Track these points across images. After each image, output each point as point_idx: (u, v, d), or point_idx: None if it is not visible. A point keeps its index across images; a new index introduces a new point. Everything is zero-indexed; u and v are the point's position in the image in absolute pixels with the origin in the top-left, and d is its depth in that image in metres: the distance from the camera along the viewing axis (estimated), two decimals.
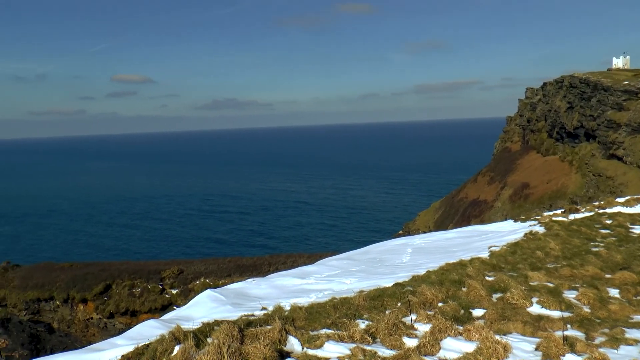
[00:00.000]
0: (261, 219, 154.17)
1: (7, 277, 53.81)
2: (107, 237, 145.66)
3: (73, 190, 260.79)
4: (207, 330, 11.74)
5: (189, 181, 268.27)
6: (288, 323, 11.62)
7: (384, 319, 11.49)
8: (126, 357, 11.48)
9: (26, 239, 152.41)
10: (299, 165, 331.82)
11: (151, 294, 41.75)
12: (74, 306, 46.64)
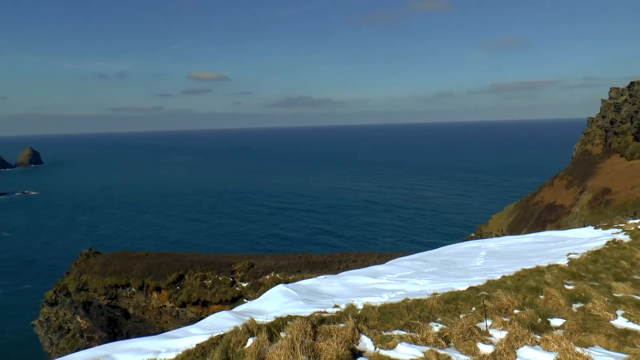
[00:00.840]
0: (329, 217, 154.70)
1: (89, 263, 56.32)
2: (175, 229, 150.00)
3: (147, 183, 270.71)
4: (280, 324, 11.85)
5: (260, 178, 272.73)
6: (361, 322, 11.58)
7: (458, 323, 11.28)
8: (201, 346, 11.74)
9: (101, 227, 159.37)
10: (370, 165, 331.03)
11: (222, 286, 42.69)
12: (148, 294, 48.31)
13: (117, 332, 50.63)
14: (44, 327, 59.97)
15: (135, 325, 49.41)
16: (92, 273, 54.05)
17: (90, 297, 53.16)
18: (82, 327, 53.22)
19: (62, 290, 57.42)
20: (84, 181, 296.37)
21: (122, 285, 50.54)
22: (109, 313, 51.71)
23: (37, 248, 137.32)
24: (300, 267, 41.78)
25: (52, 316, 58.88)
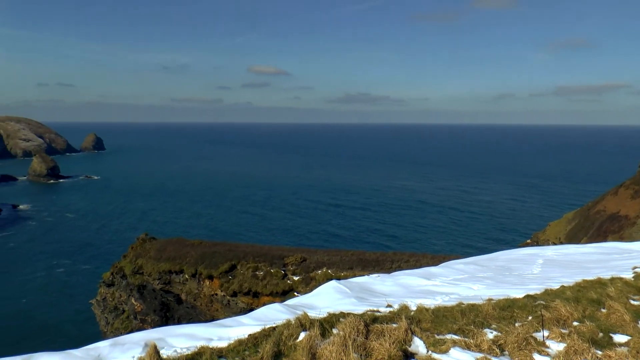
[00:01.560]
0: (381, 216, 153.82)
1: (145, 247, 57.86)
2: (225, 220, 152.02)
3: (202, 173, 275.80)
4: (333, 320, 11.85)
5: (315, 173, 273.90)
6: (414, 324, 11.48)
7: (513, 331, 11.03)
8: (253, 336, 11.86)
9: (154, 214, 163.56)
10: (426, 164, 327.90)
11: (273, 278, 43.07)
12: (201, 281, 49.23)
13: (169, 316, 51.83)
14: (100, 307, 62.03)
15: (186, 311, 50.45)
16: (148, 258, 55.47)
17: (144, 281, 54.60)
18: (136, 309, 54.74)
19: (119, 273, 59.20)
20: (141, 168, 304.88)
21: (175, 272, 51.67)
22: (162, 297, 52.98)
23: (96, 230, 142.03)
24: (353, 264, 41.72)
25: (109, 297, 60.82)
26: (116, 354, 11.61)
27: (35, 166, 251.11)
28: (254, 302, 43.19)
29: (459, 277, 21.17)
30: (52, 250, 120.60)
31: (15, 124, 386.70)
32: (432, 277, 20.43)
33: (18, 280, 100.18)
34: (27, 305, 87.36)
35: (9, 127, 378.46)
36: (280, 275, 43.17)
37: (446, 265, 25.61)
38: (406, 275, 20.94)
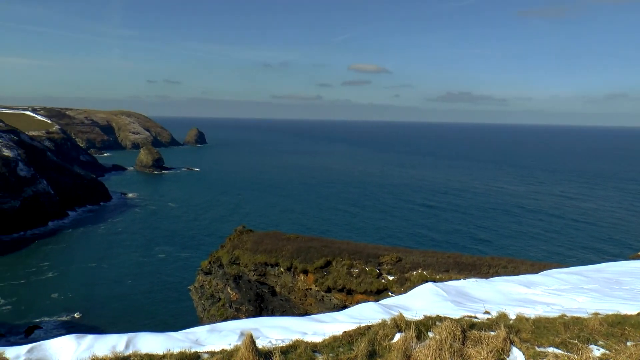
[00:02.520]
0: (476, 220, 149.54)
1: (242, 239, 59.49)
2: (315, 216, 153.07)
3: (297, 168, 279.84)
4: (429, 324, 11.71)
5: (410, 172, 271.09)
6: (513, 333, 11.13)
7: (624, 350, 10.40)
8: (348, 334, 11.92)
9: (248, 207, 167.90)
10: (527, 167, 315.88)
11: (368, 277, 43.02)
12: (295, 275, 50.00)
13: (263, 307, 53.04)
14: (198, 293, 64.45)
15: (280, 304, 51.42)
16: (245, 249, 56.97)
17: (241, 271, 56.15)
18: (232, 298, 56.43)
19: (216, 262, 61.23)
20: (240, 162, 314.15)
21: (271, 264, 52.76)
22: (257, 288, 54.29)
23: (194, 219, 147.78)
24: (449, 267, 40.91)
25: (206, 284, 63.07)
26: (213, 339, 11.98)
27: (142, 157, 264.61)
28: (348, 300, 43.35)
29: (562, 287, 20.28)
30: (154, 237, 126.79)
31: (126, 118, 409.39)
32: (532, 285, 19.69)
33: (123, 262, 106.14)
34: (131, 286, 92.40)
35: (120, 120, 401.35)
36: (375, 274, 43.04)
37: (547, 274, 24.62)
38: (505, 282, 20.32)
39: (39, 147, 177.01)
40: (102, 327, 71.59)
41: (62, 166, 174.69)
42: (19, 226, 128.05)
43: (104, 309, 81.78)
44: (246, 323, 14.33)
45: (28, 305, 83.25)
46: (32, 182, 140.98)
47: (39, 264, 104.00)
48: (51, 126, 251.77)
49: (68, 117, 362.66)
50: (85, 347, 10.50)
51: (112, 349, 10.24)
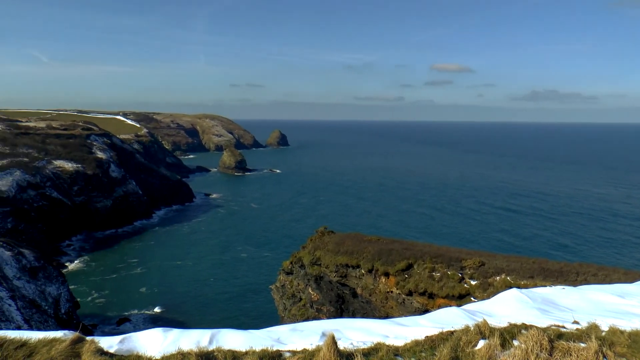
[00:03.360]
0: (562, 225, 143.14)
1: (324, 240, 59.93)
2: (392, 218, 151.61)
3: (378, 170, 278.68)
4: (514, 331, 11.46)
5: (492, 174, 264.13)
6: (605, 346, 10.65)
7: None
8: (430, 338, 11.84)
9: (325, 208, 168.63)
10: (618, 169, 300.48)
11: (450, 281, 42.29)
12: (377, 277, 49.86)
13: (343, 308, 53.23)
14: (279, 292, 65.46)
15: (361, 305, 51.43)
16: (326, 250, 57.36)
17: (322, 272, 56.59)
18: (313, 299, 56.95)
19: (298, 262, 61.97)
20: (321, 163, 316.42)
21: (352, 266, 52.85)
22: (338, 290, 54.55)
23: (276, 220, 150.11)
24: (533, 273, 39.56)
25: (287, 284, 63.96)
26: (295, 339, 12.16)
27: (225, 159, 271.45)
28: (429, 303, 42.82)
29: None
30: (237, 236, 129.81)
31: (210, 121, 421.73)
32: (626, 295, 18.76)
33: (207, 260, 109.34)
34: (214, 284, 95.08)
35: (204, 123, 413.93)
36: (457, 278, 42.27)
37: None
38: (595, 290, 19.48)
39: (129, 149, 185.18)
40: (185, 322, 74.10)
41: (150, 168, 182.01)
42: (110, 224, 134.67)
43: (187, 304, 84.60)
44: (327, 324, 14.46)
45: (118, 298, 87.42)
46: (123, 182, 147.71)
47: (128, 260, 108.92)
48: (140, 130, 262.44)
49: (155, 121, 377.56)
50: (171, 341, 10.91)
51: (197, 343, 10.58)
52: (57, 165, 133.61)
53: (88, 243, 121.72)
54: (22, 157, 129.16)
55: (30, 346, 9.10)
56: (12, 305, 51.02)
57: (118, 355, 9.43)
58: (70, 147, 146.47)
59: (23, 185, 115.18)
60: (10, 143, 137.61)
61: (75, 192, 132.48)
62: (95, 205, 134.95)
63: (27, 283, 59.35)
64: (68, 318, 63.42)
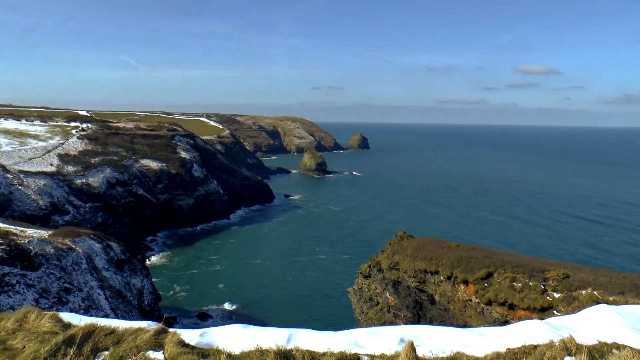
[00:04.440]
0: None
1: (402, 245, 59.38)
2: (466, 227, 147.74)
3: (458, 174, 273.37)
4: (604, 350, 10.91)
5: (577, 182, 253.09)
6: None
7: None
8: (512, 351, 11.45)
9: (405, 212, 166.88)
10: None
11: (532, 292, 40.79)
12: (455, 285, 48.88)
13: (421, 315, 52.53)
14: (356, 295, 65.40)
15: (439, 313, 50.58)
16: (404, 255, 56.79)
17: (400, 277, 56.08)
18: (390, 303, 56.54)
19: (376, 266, 61.71)
20: (401, 167, 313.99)
21: (431, 272, 52.07)
22: (416, 295, 53.90)
23: (355, 223, 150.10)
24: (624, 289, 37.45)
25: (365, 287, 63.80)
26: (373, 343, 12.05)
27: (305, 161, 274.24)
28: (509, 314, 41.52)
29: None
30: (315, 238, 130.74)
31: (292, 123, 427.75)
32: None
33: (285, 260, 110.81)
34: (291, 283, 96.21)
35: (286, 125, 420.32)
36: (539, 289, 40.74)
37: None
38: None
39: (211, 150, 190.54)
40: (262, 320, 75.20)
41: (231, 168, 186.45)
42: (192, 221, 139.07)
43: (265, 302, 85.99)
44: (406, 330, 14.28)
45: (198, 293, 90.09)
46: (205, 182, 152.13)
47: (208, 256, 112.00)
48: (222, 131, 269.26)
49: (238, 123, 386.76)
50: (250, 337, 11.06)
51: (275, 341, 10.67)
52: (143, 164, 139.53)
53: (171, 239, 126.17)
54: (112, 155, 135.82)
55: (118, 334, 9.48)
56: (101, 294, 53.54)
57: (198, 348, 9.64)
58: (155, 147, 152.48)
59: (112, 182, 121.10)
60: (102, 142, 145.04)
61: (160, 190, 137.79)
62: (178, 203, 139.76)
63: (114, 274, 62.12)
64: (150, 309, 65.92)
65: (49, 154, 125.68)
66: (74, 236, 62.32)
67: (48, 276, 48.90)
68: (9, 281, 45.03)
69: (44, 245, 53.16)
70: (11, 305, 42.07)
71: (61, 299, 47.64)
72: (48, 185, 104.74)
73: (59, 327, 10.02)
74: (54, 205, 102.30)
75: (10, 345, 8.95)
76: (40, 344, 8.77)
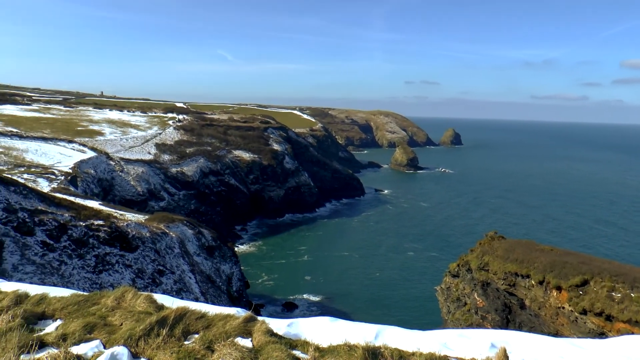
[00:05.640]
0: None
1: (493, 245, 57.72)
2: (572, 228, 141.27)
3: (556, 175, 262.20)
4: None
5: None
6: None
7: None
8: None
9: (499, 212, 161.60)
10: None
11: (633, 304, 38.30)
12: (547, 290, 46.89)
13: (510, 319, 50.88)
14: (444, 295, 64.29)
15: (529, 319, 48.77)
16: (495, 256, 55.17)
17: (489, 278, 54.56)
18: (478, 305, 55.17)
19: (465, 266, 60.35)
20: (494, 165, 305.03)
21: (522, 275, 50.23)
22: (505, 298, 52.24)
23: (444, 220, 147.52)
24: None
25: (453, 287, 62.58)
26: (462, 345, 11.67)
27: (397, 156, 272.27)
28: (606, 326, 39.31)
29: None
30: (404, 234, 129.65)
31: (384, 118, 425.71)
32: None
33: (373, 255, 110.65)
34: (379, 279, 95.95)
35: (378, 120, 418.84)
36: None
37: None
38: None
39: (303, 143, 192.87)
40: (348, 314, 75.46)
41: (322, 161, 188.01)
42: (282, 212, 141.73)
43: (351, 296, 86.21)
44: (497, 334, 13.75)
45: (285, 282, 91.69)
46: (296, 173, 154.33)
47: (296, 247, 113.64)
48: (314, 124, 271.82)
49: (330, 116, 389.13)
50: (337, 331, 10.98)
51: (363, 337, 10.54)
52: (236, 154, 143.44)
53: (260, 228, 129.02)
54: (206, 146, 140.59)
55: (208, 319, 9.69)
56: (192, 278, 55.50)
57: (286, 338, 9.68)
58: (248, 139, 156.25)
59: (206, 171, 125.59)
60: (197, 133, 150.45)
61: (251, 180, 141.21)
62: (269, 193, 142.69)
63: (204, 260, 64.24)
64: (238, 295, 67.73)
65: (147, 143, 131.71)
66: (168, 221, 64.94)
67: (144, 258, 51.24)
68: (110, 260, 47.55)
69: (141, 228, 55.70)
70: (111, 283, 44.44)
71: (155, 280, 49.79)
72: (146, 172, 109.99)
73: (152, 307, 10.39)
74: (151, 192, 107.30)
75: (110, 322, 9.37)
76: (135, 322, 9.12)
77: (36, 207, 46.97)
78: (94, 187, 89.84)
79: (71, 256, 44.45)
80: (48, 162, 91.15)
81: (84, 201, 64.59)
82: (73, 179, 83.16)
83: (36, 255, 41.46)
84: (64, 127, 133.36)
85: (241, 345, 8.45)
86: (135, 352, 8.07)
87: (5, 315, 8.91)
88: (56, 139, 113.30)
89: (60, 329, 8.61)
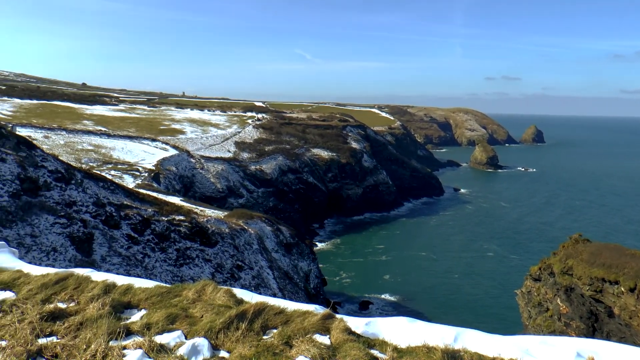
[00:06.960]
0: None
1: (577, 249, 55.33)
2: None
3: None
4: None
5: None
6: None
7: None
8: None
9: (583, 213, 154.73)
10: None
11: None
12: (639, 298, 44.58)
13: (596, 327, 48.62)
14: (524, 299, 62.27)
15: (618, 328, 46.41)
16: (579, 260, 52.90)
17: (573, 283, 52.38)
18: (561, 311, 53.07)
19: (547, 269, 58.21)
20: (579, 163, 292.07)
21: (610, 281, 47.88)
22: (591, 305, 49.97)
23: (525, 222, 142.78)
24: None
25: (534, 291, 60.50)
26: (545, 353, 11.18)
27: (476, 154, 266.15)
28: None
29: None
30: (484, 235, 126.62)
31: (464, 115, 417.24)
32: None
33: (452, 256, 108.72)
34: (457, 280, 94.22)
35: (457, 117, 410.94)
36: None
37: None
38: None
39: (381, 141, 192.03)
40: (425, 314, 74.51)
41: (401, 159, 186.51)
42: (360, 210, 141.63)
43: (428, 297, 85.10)
44: (583, 343, 13.08)
45: (362, 281, 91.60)
46: (374, 172, 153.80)
47: (374, 246, 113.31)
48: (393, 122, 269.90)
49: (409, 114, 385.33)
50: (416, 332, 10.78)
51: (441, 339, 10.32)
52: (314, 153, 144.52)
53: (338, 226, 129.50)
54: (285, 144, 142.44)
55: (287, 314, 9.75)
56: (270, 274, 56.38)
57: (364, 337, 9.60)
58: (327, 137, 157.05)
59: (284, 169, 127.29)
60: (276, 132, 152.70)
61: (329, 178, 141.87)
62: (346, 191, 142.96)
63: (282, 256, 65.10)
64: (316, 293, 68.22)
65: (227, 141, 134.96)
66: (247, 218, 66.23)
67: (223, 253, 52.48)
68: (190, 254, 49.00)
69: (220, 224, 57.07)
70: (191, 277, 45.80)
71: (234, 275, 50.89)
72: (225, 170, 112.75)
73: (232, 301, 10.55)
74: (230, 189, 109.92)
75: (191, 314, 9.60)
76: (215, 315, 9.29)
77: (122, 202, 49.02)
78: (175, 184, 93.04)
79: (154, 249, 46.13)
80: (133, 160, 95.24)
81: (166, 197, 66.92)
82: (156, 175, 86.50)
83: (122, 248, 43.29)
84: (148, 126, 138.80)
85: (319, 342, 8.45)
86: (215, 344, 8.22)
87: (96, 303, 9.30)
88: (140, 138, 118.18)
89: (145, 319, 8.89)
